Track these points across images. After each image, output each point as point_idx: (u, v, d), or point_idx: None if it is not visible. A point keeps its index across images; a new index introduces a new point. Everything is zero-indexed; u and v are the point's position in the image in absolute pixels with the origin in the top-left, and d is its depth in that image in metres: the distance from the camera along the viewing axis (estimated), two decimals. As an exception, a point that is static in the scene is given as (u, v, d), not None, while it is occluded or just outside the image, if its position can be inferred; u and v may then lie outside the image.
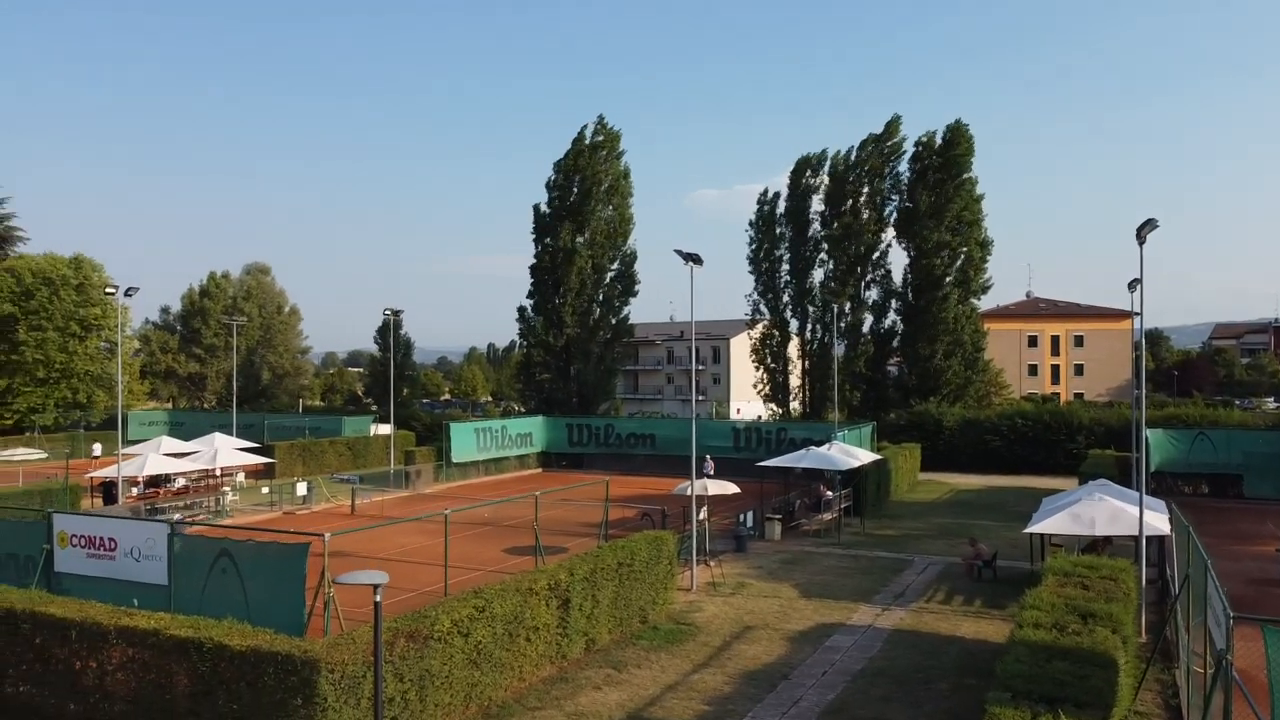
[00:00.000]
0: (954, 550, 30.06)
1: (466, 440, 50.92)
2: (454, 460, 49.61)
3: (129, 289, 42.27)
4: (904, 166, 62.62)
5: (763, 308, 65.38)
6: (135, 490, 38.88)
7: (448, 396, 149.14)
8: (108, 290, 47.97)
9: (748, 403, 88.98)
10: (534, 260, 64.33)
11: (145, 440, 48.53)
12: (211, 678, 13.90)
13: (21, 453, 53.95)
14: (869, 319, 63.73)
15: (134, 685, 14.65)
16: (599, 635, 19.49)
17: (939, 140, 61.11)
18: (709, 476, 46.29)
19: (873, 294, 63.99)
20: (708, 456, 47.64)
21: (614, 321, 64.83)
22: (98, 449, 55.98)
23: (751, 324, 67.03)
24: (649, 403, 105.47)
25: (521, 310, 65.56)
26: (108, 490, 38.09)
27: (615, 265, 64.29)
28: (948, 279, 60.91)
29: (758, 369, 66.33)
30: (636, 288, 65.03)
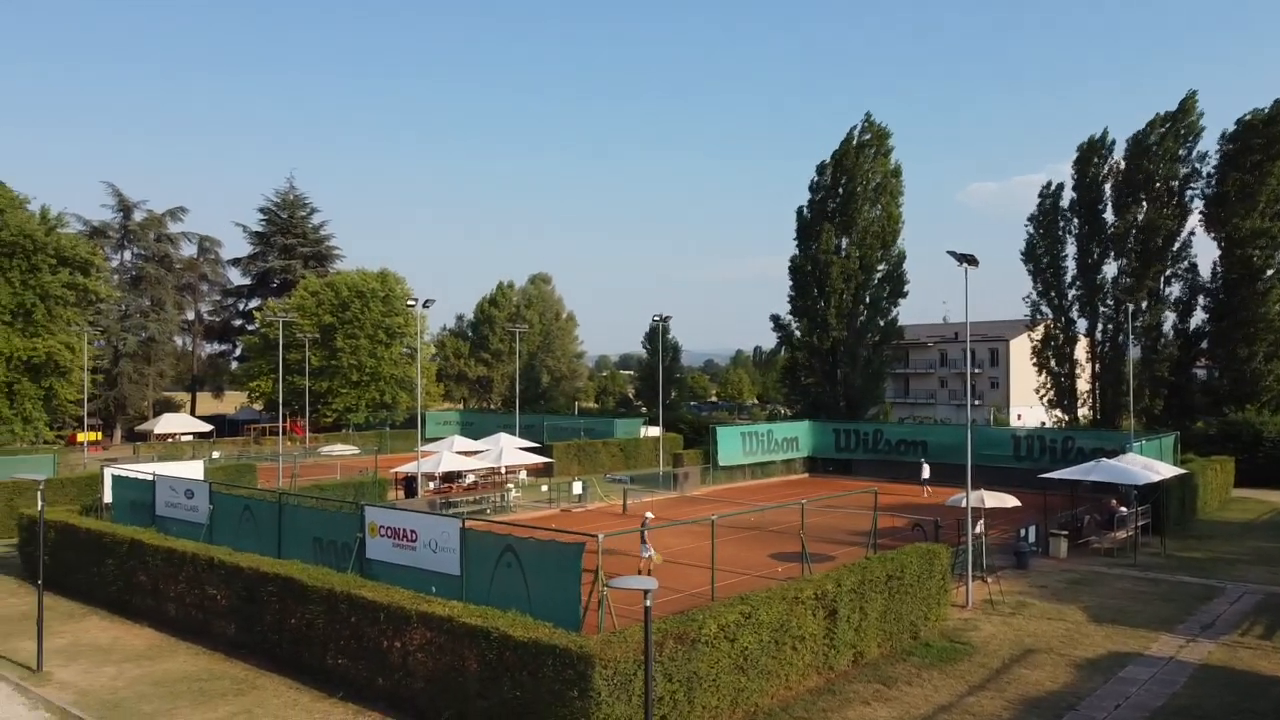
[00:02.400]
0: (1277, 578, 26.73)
1: (733, 444, 51.39)
2: (720, 464, 50.22)
3: (426, 300, 46.30)
4: (1204, 147, 56.51)
5: (1044, 307, 61.27)
6: (432, 485, 42.39)
7: (714, 399, 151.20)
8: (409, 302, 52.70)
9: (1029, 408, 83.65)
10: (793, 262, 63.74)
11: (440, 439, 52.86)
12: (498, 664, 14.91)
13: (339, 448, 60.44)
14: (1170, 317, 58.01)
15: (431, 666, 16.01)
16: (867, 648, 19.03)
17: (1263, 116, 54.50)
18: (925, 483, 45.41)
19: (1174, 290, 58.25)
20: (923, 460, 47.27)
21: (882, 323, 63.06)
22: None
23: (1032, 325, 62.98)
24: (920, 407, 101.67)
25: (775, 317, 65.21)
26: (409, 484, 41.80)
27: (883, 265, 62.51)
28: (1268, 271, 54.28)
29: (1040, 372, 62.22)
30: (906, 288, 62.94)
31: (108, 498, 29.61)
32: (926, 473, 46.36)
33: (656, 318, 59.00)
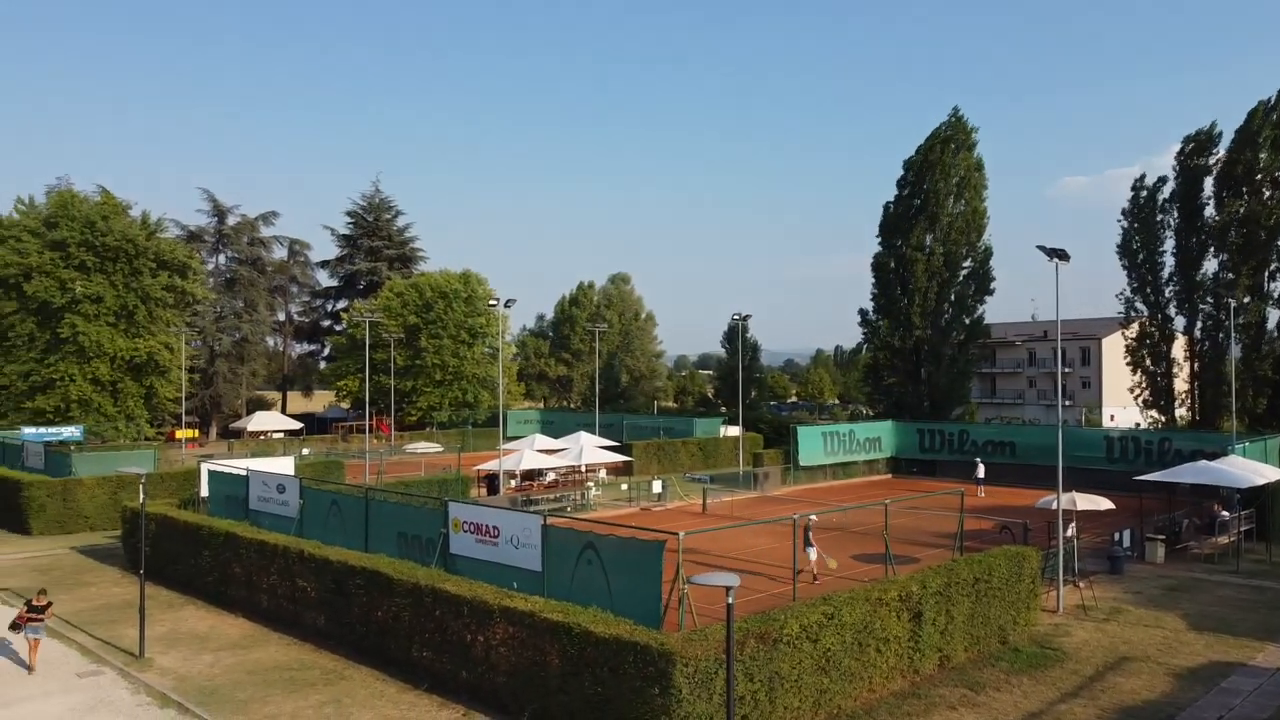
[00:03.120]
0: (1393, 588, 25.36)
1: (814, 444, 50.85)
2: (801, 464, 49.75)
3: (508, 300, 46.90)
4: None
5: (1139, 304, 59.11)
6: (513, 483, 42.88)
7: (794, 399, 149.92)
8: (490, 302, 53.37)
9: (1123, 409, 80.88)
10: (876, 259, 62.73)
11: (521, 437, 53.45)
12: (579, 660, 14.99)
13: (423, 446, 61.55)
14: (1275, 314, 55.38)
15: (514, 660, 16.17)
16: (954, 652, 18.62)
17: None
18: (980, 482, 44.79)
19: (1278, 286, 55.60)
20: (978, 460, 47.04)
21: (967, 322, 61.64)
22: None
23: (1126, 323, 60.82)
24: (1008, 408, 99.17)
25: (863, 313, 64.26)
26: (491, 482, 42.36)
27: (968, 262, 61.09)
28: (1379, 265, 51.51)
29: (1134, 372, 60.05)
30: (992, 285, 61.43)
31: (204, 492, 30.64)
32: (981, 472, 45.91)
33: (735, 316, 58.69)
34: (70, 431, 56.72)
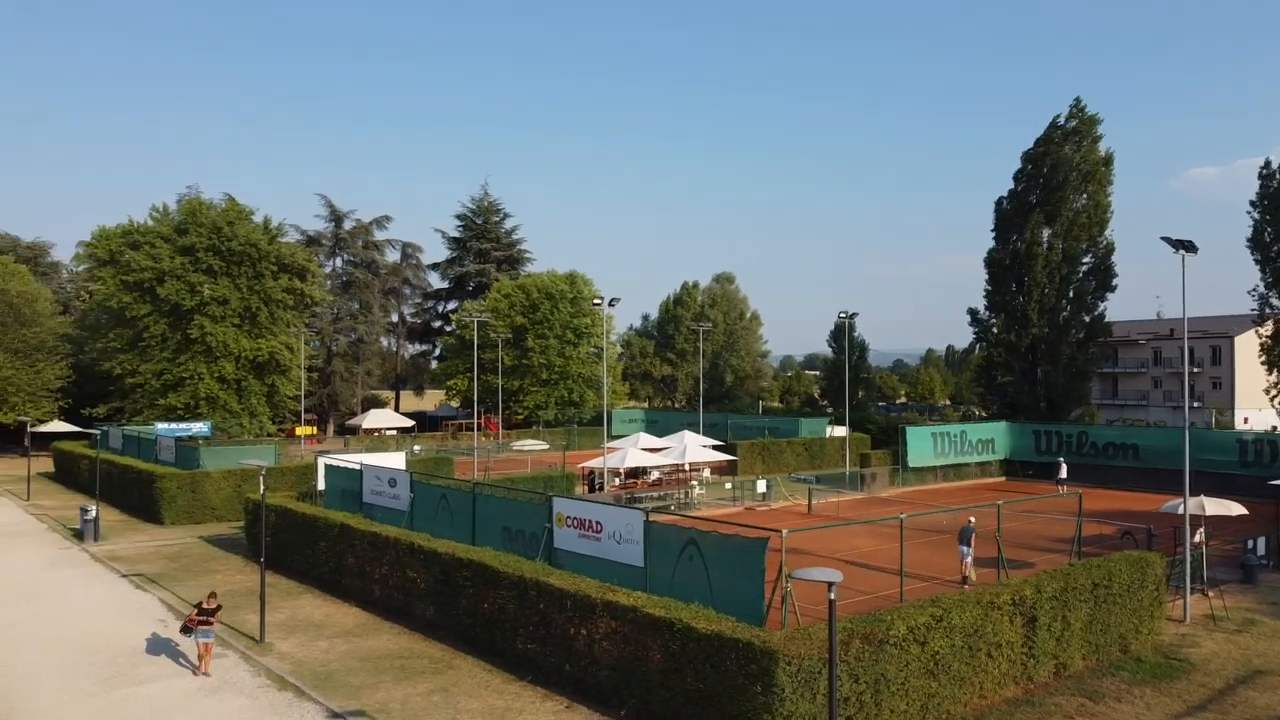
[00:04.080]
0: None
1: (923, 445, 49.66)
2: (910, 465, 48.65)
3: (612, 299, 47.12)
4: None
5: (1275, 300, 55.84)
6: (617, 480, 43.12)
7: (903, 400, 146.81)
8: (595, 302, 53.77)
9: (1258, 411, 76.46)
10: (990, 256, 60.82)
11: (625, 436, 53.73)
12: (681, 656, 14.95)
13: (529, 443, 62.46)
14: None
15: (616, 654, 16.24)
16: (1071, 660, 17.89)
17: None
18: (1061, 482, 43.88)
19: None
20: (1061, 460, 46.16)
21: (1087, 319, 59.23)
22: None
23: (1261, 319, 57.52)
24: (1131, 409, 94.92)
25: (973, 312, 62.40)
26: (592, 479, 42.70)
27: (1089, 258, 58.72)
28: None
29: (1270, 371, 56.76)
30: (1114, 282, 58.87)
31: (321, 485, 31.72)
32: (1064, 472, 44.73)
33: (842, 315, 57.71)
34: (199, 427, 59.57)
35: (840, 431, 59.37)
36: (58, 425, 61.99)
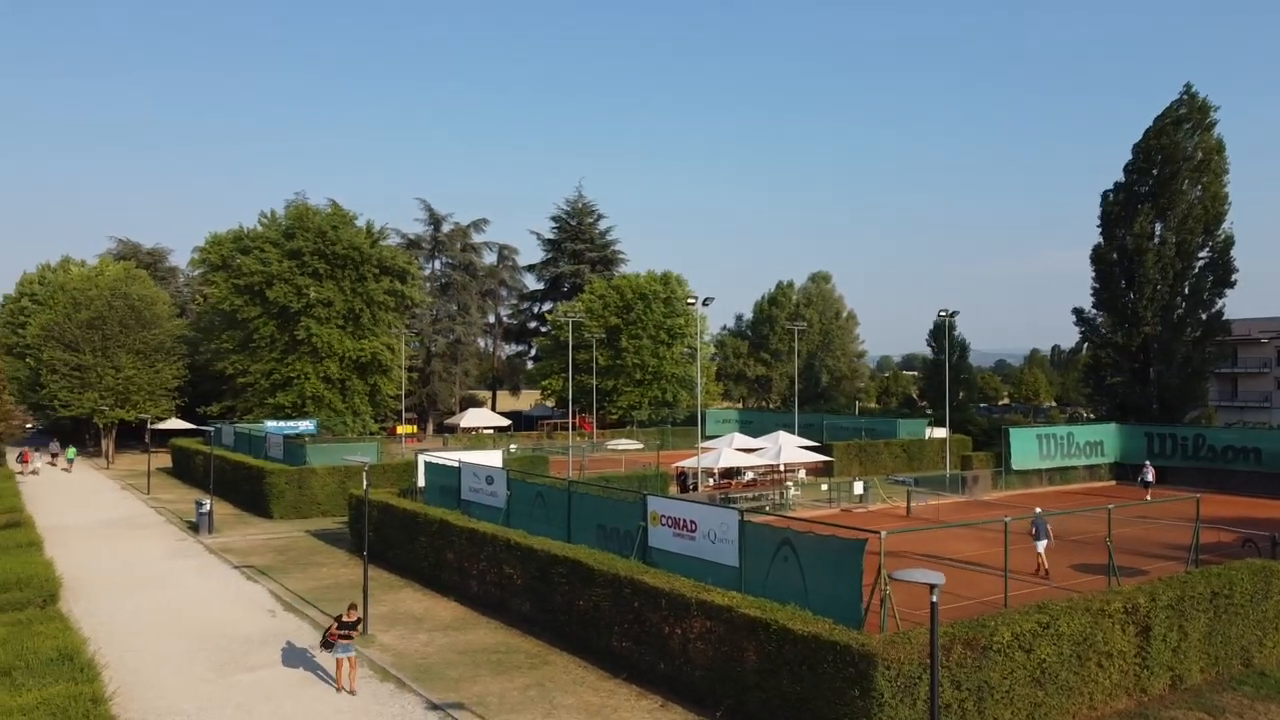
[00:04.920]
0: None
1: (1028, 447, 48.15)
2: (1014, 467, 47.25)
3: (706, 299, 46.96)
4: None
5: None
6: (711, 481, 42.95)
7: (1006, 401, 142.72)
8: (689, 300, 53.68)
9: (1393, 414, 71.92)
10: (1096, 252, 58.54)
11: (719, 436, 53.50)
12: (776, 657, 14.77)
13: (624, 443, 62.82)
14: None
15: (710, 654, 16.15)
16: (1187, 672, 17.07)
17: None
18: (1148, 485, 42.41)
19: None
20: (1146, 463, 44.90)
21: (1204, 317, 56.55)
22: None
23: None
24: (1252, 411, 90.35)
25: (1078, 311, 60.19)
26: (683, 479, 42.61)
27: (1205, 252, 56.07)
28: None
29: None
30: (1233, 277, 56.09)
31: (421, 482, 32.44)
32: (1150, 475, 43.33)
33: (941, 313, 56.37)
34: (305, 425, 61.61)
35: (940, 433, 58.03)
36: (175, 423, 64.95)
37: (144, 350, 65.32)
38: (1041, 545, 26.40)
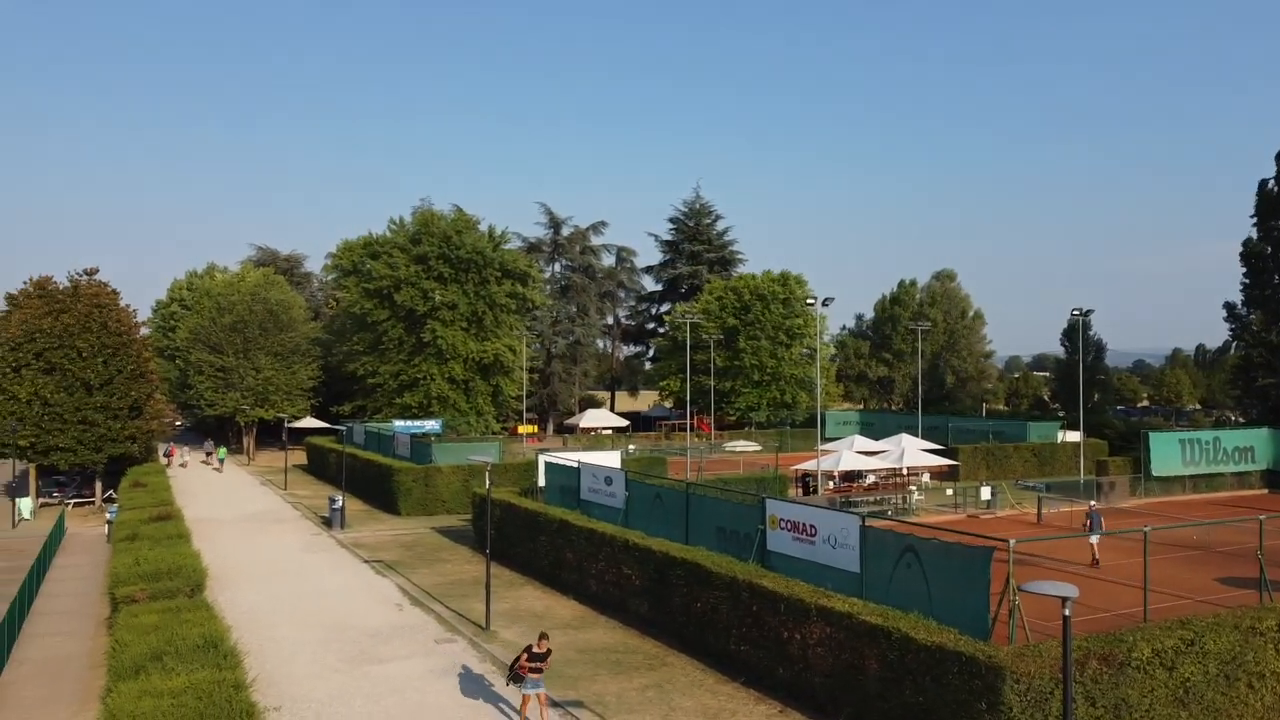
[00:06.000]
0: None
1: (1169, 452, 45.66)
2: (1154, 473, 44.86)
3: (825, 299, 46.27)
4: None
5: None
6: (831, 484, 42.27)
7: (1146, 403, 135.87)
8: (808, 301, 52.99)
9: None
10: (1247, 246, 55.14)
11: (839, 439, 52.61)
12: (899, 666, 14.41)
13: (742, 444, 62.43)
14: None
15: (831, 661, 15.87)
16: (1351, 697, 15.85)
17: None
18: None
19: None
20: None
21: (1368, 314, 52.68)
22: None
23: None
24: None
25: (1229, 306, 56.79)
26: (806, 482, 42.04)
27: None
28: None
29: None
30: (1402, 271, 52.06)
31: (541, 481, 32.96)
32: None
33: (1075, 311, 54.04)
34: (431, 425, 63.46)
35: (1073, 436, 55.67)
36: (310, 422, 67.86)
37: (281, 352, 68.45)
38: (1095, 538, 27.81)
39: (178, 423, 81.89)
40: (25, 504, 40.87)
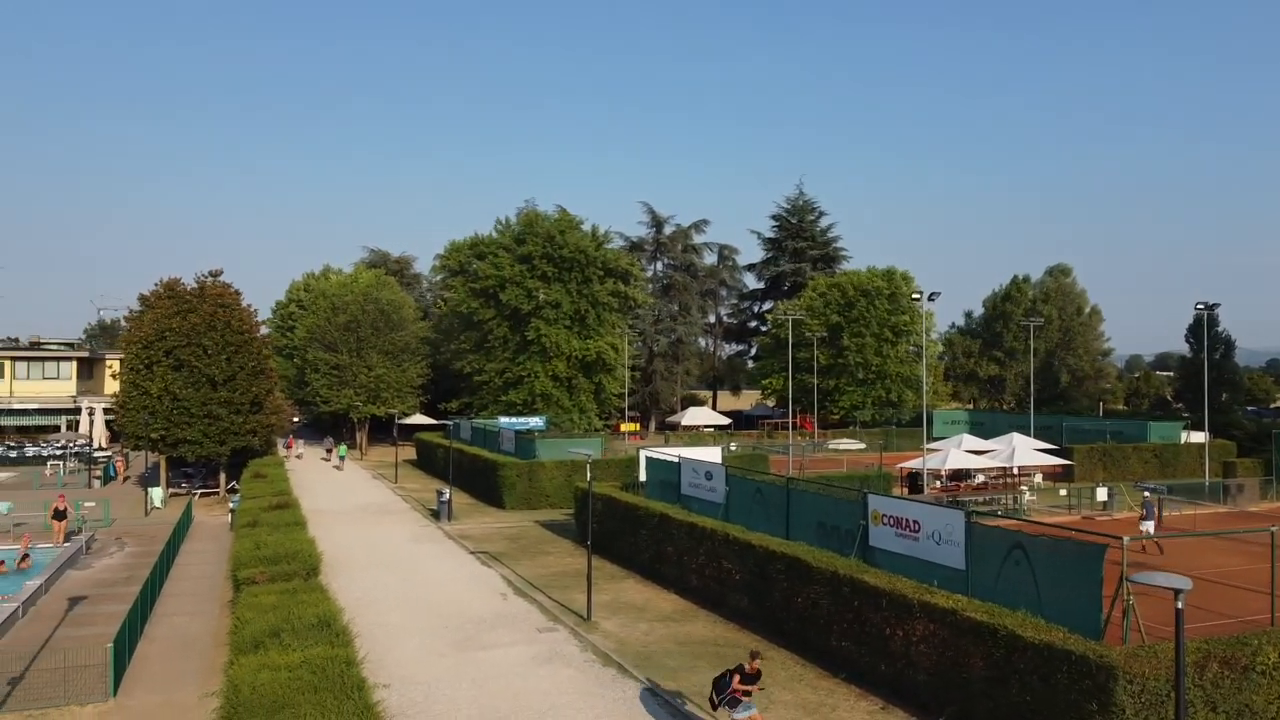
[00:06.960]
0: None
1: (1303, 453, 43.21)
2: (1286, 476, 42.55)
3: (932, 294, 45.26)
4: None
5: None
6: (938, 483, 41.36)
7: (1279, 404, 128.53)
8: (914, 297, 51.93)
9: None
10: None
11: (947, 438, 51.40)
12: (1005, 665, 14.06)
13: (845, 443, 61.54)
14: None
15: (934, 659, 15.57)
16: None
17: None
18: None
19: None
20: None
21: None
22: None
23: None
24: None
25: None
26: (913, 480, 41.22)
27: None
28: None
29: None
30: None
31: (642, 476, 33.20)
32: None
33: (1199, 306, 51.55)
34: (535, 421, 64.46)
35: (1198, 437, 53.14)
36: (419, 418, 69.82)
37: (392, 351, 70.53)
38: (1149, 526, 28.68)
39: (295, 419, 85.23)
40: (157, 493, 43.20)
